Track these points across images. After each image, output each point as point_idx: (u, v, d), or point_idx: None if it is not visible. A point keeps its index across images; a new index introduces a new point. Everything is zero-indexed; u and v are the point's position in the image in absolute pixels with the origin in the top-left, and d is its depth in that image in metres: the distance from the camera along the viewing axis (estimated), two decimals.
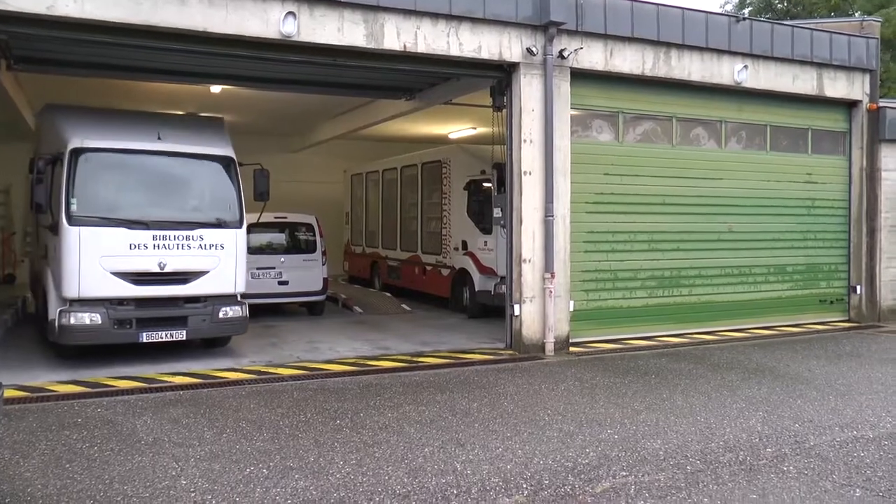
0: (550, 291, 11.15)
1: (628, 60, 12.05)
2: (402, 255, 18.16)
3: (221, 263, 10.41)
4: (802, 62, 13.86)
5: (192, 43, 9.52)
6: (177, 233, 10.11)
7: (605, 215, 12.30)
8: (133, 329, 9.92)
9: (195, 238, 10.25)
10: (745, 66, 13.17)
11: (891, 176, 15.15)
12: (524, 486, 5.52)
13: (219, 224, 10.54)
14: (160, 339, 10.10)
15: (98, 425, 7.11)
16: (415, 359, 10.69)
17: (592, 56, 11.74)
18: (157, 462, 6.03)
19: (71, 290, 9.62)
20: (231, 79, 13.03)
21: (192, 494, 5.32)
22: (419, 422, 7.30)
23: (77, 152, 9.91)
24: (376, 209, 20.06)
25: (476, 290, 14.72)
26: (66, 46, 10.20)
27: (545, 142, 11.23)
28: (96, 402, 8.06)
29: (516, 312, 11.24)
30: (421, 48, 10.41)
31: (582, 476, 5.74)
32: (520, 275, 11.20)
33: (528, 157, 11.20)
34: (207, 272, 10.31)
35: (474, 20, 10.74)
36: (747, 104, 13.72)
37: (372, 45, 10.14)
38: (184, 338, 10.24)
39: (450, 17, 10.57)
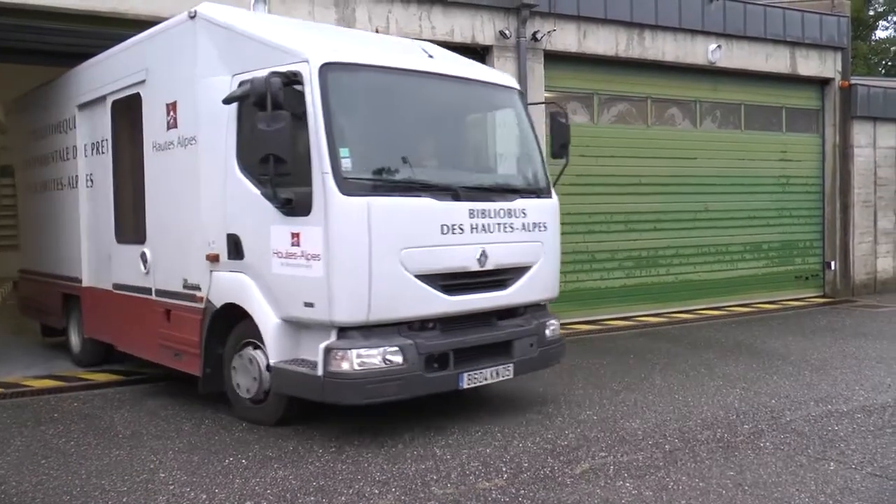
0: None
1: (602, 42, 12.05)
2: None
3: (545, 253, 7.03)
4: (775, 41, 13.94)
5: None
6: (495, 205, 6.57)
7: (581, 196, 12.30)
8: (450, 369, 6.24)
9: (517, 214, 6.72)
10: (719, 46, 13.21)
11: (863, 152, 15.32)
12: (504, 469, 5.53)
13: (535, 192, 7.15)
14: (484, 382, 6.52)
15: (75, 420, 7.04)
16: None
17: (566, 38, 11.73)
18: (134, 455, 5.98)
19: (352, 310, 5.84)
20: None
21: (171, 487, 5.28)
22: (400, 408, 7.28)
23: (330, 71, 5.96)
24: None
25: None
26: (32, 35, 9.96)
27: None
28: (73, 396, 7.97)
29: None
30: (393, 32, 10.33)
31: (561, 458, 5.76)
32: None
33: None
34: (529, 268, 6.88)
35: (446, 3, 10.69)
36: (722, 84, 13.78)
37: None
38: (510, 375, 6.71)
39: (422, 1, 10.50)
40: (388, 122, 6.52)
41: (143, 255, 7.63)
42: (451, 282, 6.26)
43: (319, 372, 5.85)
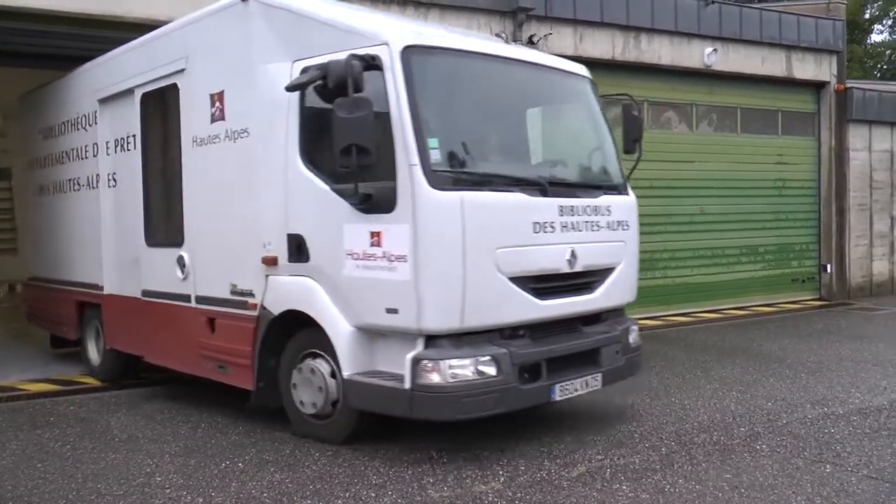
0: None
1: (598, 45, 12.07)
2: None
3: (627, 254, 6.61)
4: (771, 44, 13.98)
5: None
6: (583, 202, 6.12)
7: None
8: (543, 380, 5.77)
9: (603, 211, 6.29)
10: (715, 50, 13.25)
11: (858, 156, 15.36)
12: (500, 472, 5.53)
13: (615, 188, 6.71)
14: (574, 394, 6.07)
15: (71, 423, 7.03)
16: None
17: (562, 41, 11.74)
18: (131, 459, 5.97)
19: (443, 317, 5.35)
20: None
21: (167, 491, 5.27)
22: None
23: (413, 55, 5.43)
24: None
25: None
26: (26, 38, 9.94)
27: None
28: (69, 399, 7.96)
29: None
30: None
31: (558, 461, 5.76)
32: None
33: None
34: (613, 269, 6.45)
35: (443, 7, 10.71)
36: (718, 87, 13.81)
37: None
38: (599, 386, 6.27)
39: (418, 4, 10.53)
40: (473, 110, 6.03)
41: (180, 260, 7.00)
42: (541, 284, 5.79)
43: (407, 385, 5.33)
